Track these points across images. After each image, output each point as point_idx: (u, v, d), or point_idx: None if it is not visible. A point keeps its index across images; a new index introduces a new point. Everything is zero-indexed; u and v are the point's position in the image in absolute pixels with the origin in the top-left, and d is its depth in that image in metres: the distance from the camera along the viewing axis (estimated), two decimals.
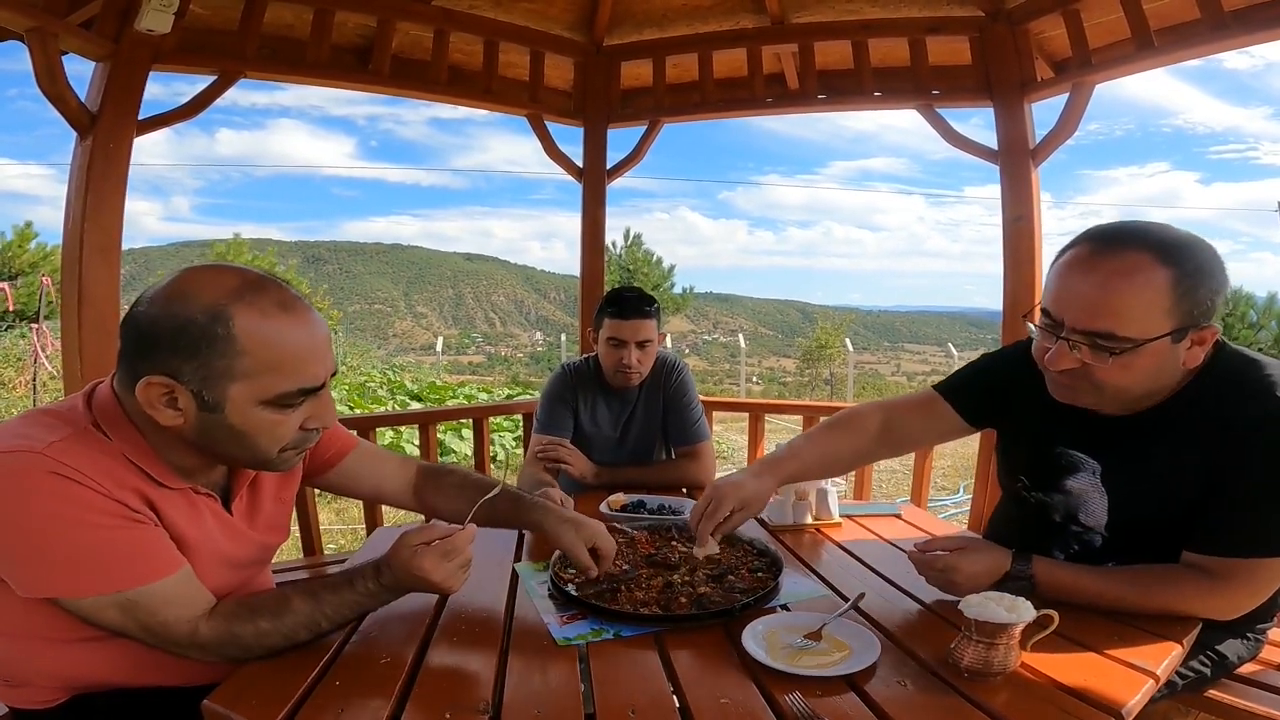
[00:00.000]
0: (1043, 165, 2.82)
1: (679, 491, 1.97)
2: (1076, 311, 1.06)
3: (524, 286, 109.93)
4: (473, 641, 1.08)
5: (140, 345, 0.93)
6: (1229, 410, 1.07)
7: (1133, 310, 1.02)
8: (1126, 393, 1.10)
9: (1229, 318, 12.85)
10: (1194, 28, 2.37)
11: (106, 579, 0.91)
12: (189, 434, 0.96)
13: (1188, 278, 1.02)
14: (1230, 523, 1.06)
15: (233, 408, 0.93)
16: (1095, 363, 1.06)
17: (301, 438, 1.01)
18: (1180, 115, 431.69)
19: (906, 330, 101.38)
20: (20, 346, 9.45)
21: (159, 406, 0.92)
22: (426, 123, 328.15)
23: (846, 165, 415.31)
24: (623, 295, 2.10)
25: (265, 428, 0.96)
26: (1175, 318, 1.02)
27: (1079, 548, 1.23)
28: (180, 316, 0.91)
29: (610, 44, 3.25)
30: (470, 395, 11.08)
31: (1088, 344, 1.05)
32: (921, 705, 0.90)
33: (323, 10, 2.68)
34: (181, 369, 0.91)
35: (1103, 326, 1.03)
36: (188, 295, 0.92)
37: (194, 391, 0.92)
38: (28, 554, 0.90)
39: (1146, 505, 1.15)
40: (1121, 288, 1.02)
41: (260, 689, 0.92)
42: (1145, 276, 1.01)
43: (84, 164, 2.38)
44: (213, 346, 0.90)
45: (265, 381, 0.93)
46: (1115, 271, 1.03)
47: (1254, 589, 1.09)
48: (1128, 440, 1.16)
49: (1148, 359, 1.04)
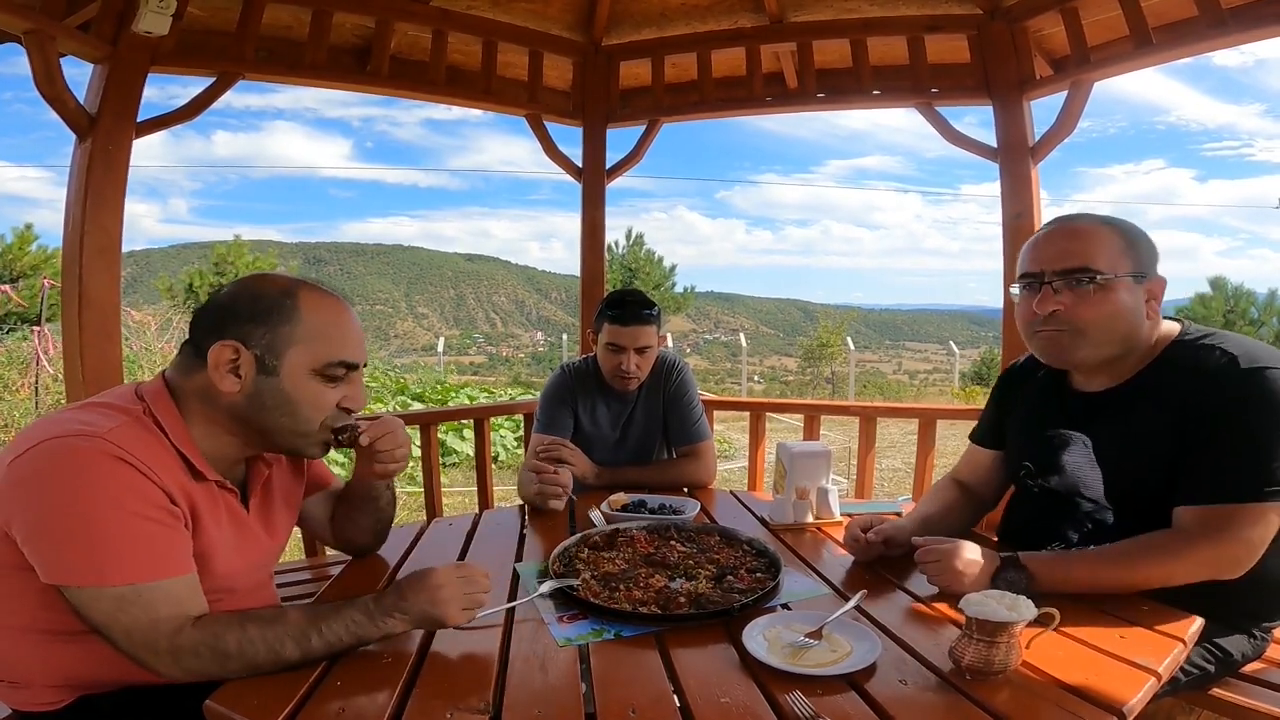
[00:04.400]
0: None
1: (680, 491, 1.97)
2: (1053, 259, 1.26)
3: (525, 287, 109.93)
4: (473, 641, 1.08)
5: (217, 318, 1.08)
6: (1193, 374, 1.20)
7: (1099, 249, 1.23)
8: (1107, 333, 1.24)
9: (1230, 314, 12.82)
10: (1192, 25, 2.37)
11: (120, 570, 0.95)
12: (240, 405, 1.08)
13: (1128, 234, 1.26)
14: (1207, 471, 1.14)
15: (287, 372, 1.08)
16: (1075, 301, 1.23)
17: (336, 417, 1.14)
18: (1173, 112, 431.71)
19: (908, 328, 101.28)
20: (23, 349, 9.45)
21: (223, 371, 1.06)
22: (421, 124, 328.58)
23: (842, 164, 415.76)
24: (623, 300, 2.07)
25: (310, 397, 1.10)
26: (1130, 262, 1.23)
27: (1091, 527, 1.28)
28: (257, 291, 1.10)
29: (609, 44, 3.25)
30: (472, 396, 11.08)
31: (1066, 283, 1.24)
32: (922, 704, 0.90)
33: (321, 11, 2.67)
34: (252, 334, 1.07)
35: (1077, 263, 1.23)
36: (263, 280, 1.12)
37: (258, 355, 1.07)
38: (70, 535, 0.94)
39: (1135, 469, 1.24)
40: (1086, 234, 1.25)
41: (261, 688, 0.93)
42: (1101, 231, 1.25)
43: (83, 166, 2.37)
44: (281, 314, 1.08)
45: (318, 349, 1.09)
46: (1078, 230, 1.27)
47: (1240, 538, 1.12)
48: (1110, 410, 1.29)
49: (1120, 295, 1.22)
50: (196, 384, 1.09)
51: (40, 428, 1.01)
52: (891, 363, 67.11)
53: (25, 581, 0.98)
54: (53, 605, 0.98)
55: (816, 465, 1.71)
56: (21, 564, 0.97)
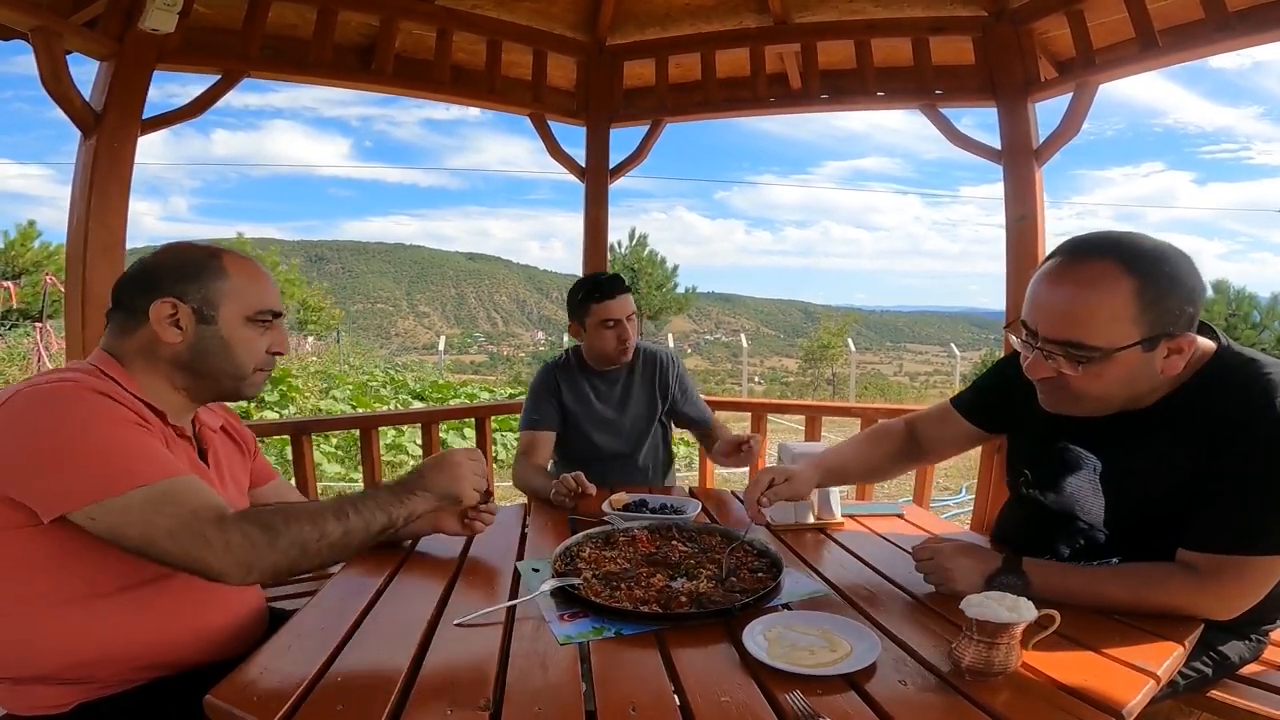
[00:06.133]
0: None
1: (682, 491, 1.98)
2: (1047, 322, 1.09)
3: (526, 286, 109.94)
4: (474, 639, 1.08)
5: (146, 282, 1.16)
6: (1225, 408, 1.08)
7: (1097, 320, 1.05)
8: (1104, 402, 1.13)
9: (1232, 318, 12.80)
10: (1198, 28, 2.36)
11: (137, 472, 0.98)
12: (183, 354, 1.16)
13: (1155, 286, 1.04)
14: (1220, 520, 1.07)
15: (224, 320, 1.18)
16: (1069, 371, 1.09)
17: (267, 360, 1.24)
18: (1170, 115, 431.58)
19: (909, 330, 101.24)
20: (25, 345, 9.47)
21: (165, 324, 1.14)
22: (419, 123, 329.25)
23: (840, 165, 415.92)
24: (602, 280, 2.22)
25: (245, 341, 1.20)
26: (1143, 326, 1.04)
27: (1084, 542, 1.25)
28: (183, 254, 1.19)
29: (613, 43, 3.25)
30: (472, 395, 11.09)
31: (1061, 353, 1.08)
32: (922, 705, 0.90)
33: (326, 10, 2.68)
34: (186, 290, 1.15)
35: (1071, 336, 1.06)
36: (183, 246, 1.22)
37: (195, 308, 1.15)
38: (61, 460, 0.97)
39: (1142, 502, 1.17)
40: (1086, 298, 1.05)
41: (262, 685, 0.93)
42: (1110, 286, 1.04)
43: (88, 163, 2.38)
44: (211, 273, 1.18)
45: (250, 298, 1.20)
46: (1080, 282, 1.06)
47: (1245, 588, 1.08)
48: (1128, 436, 1.18)
49: (1118, 368, 1.07)
50: (137, 342, 1.16)
51: (6, 390, 1.04)
52: (892, 364, 67.10)
53: (6, 545, 0.99)
54: (48, 566, 1.00)
55: None
56: (14, 523, 0.97)
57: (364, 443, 2.72)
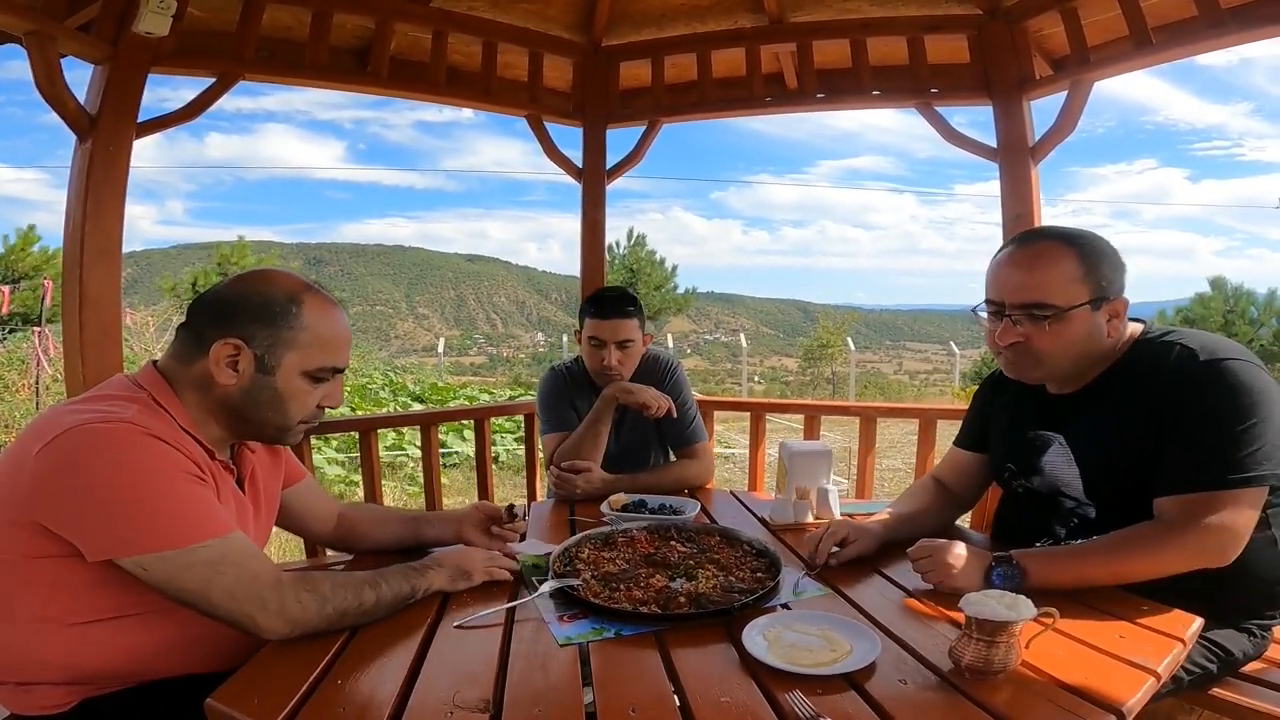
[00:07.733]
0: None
1: (681, 491, 1.97)
2: (1012, 291, 1.30)
3: (525, 287, 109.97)
4: (474, 640, 1.08)
5: (220, 314, 1.13)
6: (1158, 364, 1.25)
7: (1054, 282, 1.26)
8: (1064, 359, 1.30)
9: (1229, 314, 12.80)
10: (1192, 25, 2.36)
11: (197, 529, 1.00)
12: (234, 396, 1.13)
13: (1091, 255, 1.27)
14: (1180, 464, 1.18)
15: (283, 373, 1.14)
16: (1034, 333, 1.28)
17: (314, 414, 1.21)
18: (1161, 112, 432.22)
19: (908, 329, 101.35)
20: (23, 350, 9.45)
21: (222, 366, 1.11)
22: (413, 126, 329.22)
23: (834, 164, 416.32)
24: (603, 295, 2.12)
25: (298, 395, 1.17)
26: (1089, 287, 1.26)
27: (1077, 522, 1.33)
28: (265, 294, 1.14)
29: (609, 44, 3.25)
30: (472, 396, 11.09)
31: (1025, 316, 1.28)
32: (922, 703, 0.90)
33: (321, 12, 2.68)
34: (256, 335, 1.12)
35: (1034, 298, 1.27)
36: (270, 280, 1.16)
37: (258, 355, 1.12)
38: (117, 509, 0.97)
39: (1108, 464, 1.29)
40: (1041, 265, 1.28)
41: (262, 687, 0.93)
42: (1058, 256, 1.27)
43: (84, 167, 2.37)
44: (286, 320, 1.13)
45: (314, 354, 1.16)
46: (1034, 255, 1.30)
47: (1222, 524, 1.14)
48: (1081, 411, 1.35)
49: (1076, 325, 1.26)
50: (194, 373, 1.13)
51: (54, 420, 1.01)
52: (892, 363, 67.16)
53: (36, 571, 0.99)
54: (60, 590, 1.00)
55: (817, 465, 1.71)
56: (35, 553, 0.98)
57: (364, 445, 2.71)
